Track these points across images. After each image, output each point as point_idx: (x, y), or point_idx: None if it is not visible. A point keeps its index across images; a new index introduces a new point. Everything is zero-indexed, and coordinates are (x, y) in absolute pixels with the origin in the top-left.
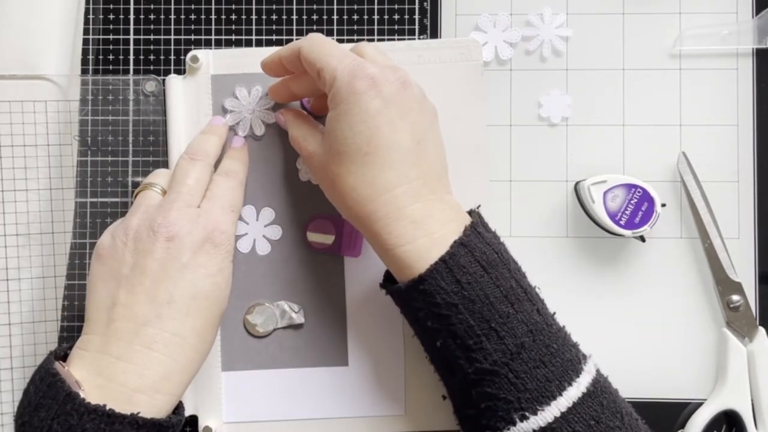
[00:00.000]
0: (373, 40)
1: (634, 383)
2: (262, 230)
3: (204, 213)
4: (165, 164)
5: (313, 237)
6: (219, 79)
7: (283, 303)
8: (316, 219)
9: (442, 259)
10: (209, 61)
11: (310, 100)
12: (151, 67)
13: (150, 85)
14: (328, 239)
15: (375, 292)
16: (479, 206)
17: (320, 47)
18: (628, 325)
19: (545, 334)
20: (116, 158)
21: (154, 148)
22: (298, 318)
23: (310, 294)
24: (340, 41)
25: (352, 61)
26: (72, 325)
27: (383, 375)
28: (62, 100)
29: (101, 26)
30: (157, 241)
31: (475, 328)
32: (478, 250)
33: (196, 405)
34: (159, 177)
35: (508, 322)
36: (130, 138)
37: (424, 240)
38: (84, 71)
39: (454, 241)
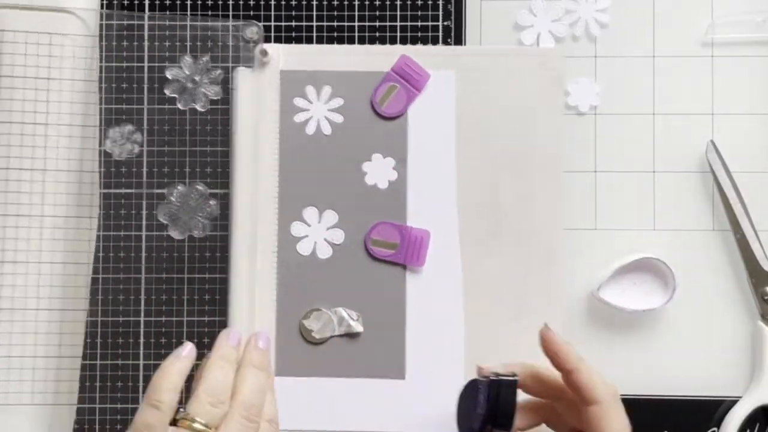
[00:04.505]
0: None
1: (666, 380)
2: (323, 233)
3: None
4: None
5: (377, 244)
6: (288, 75)
7: (341, 310)
8: (380, 225)
9: None
10: (279, 55)
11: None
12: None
13: (251, 32)
14: (392, 247)
15: (437, 304)
16: None
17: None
18: (660, 321)
19: None
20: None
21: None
22: (357, 326)
23: (370, 302)
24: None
25: None
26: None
27: (441, 391)
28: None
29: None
30: None
31: None
32: None
33: None
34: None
35: None
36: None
37: None
38: None
39: None
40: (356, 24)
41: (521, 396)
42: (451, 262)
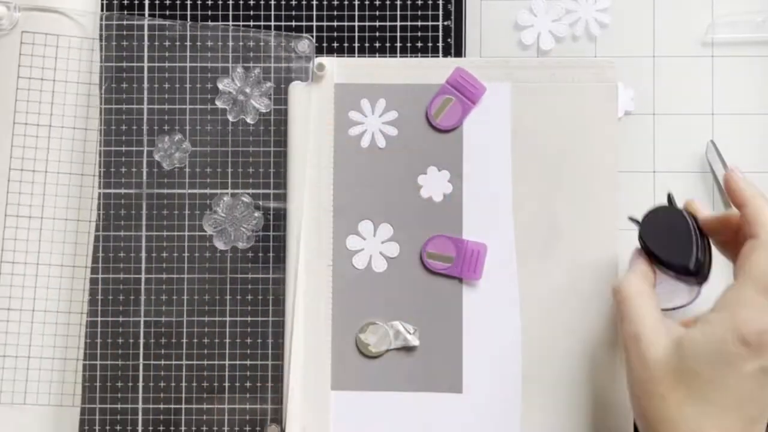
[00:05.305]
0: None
1: None
2: (378, 246)
3: None
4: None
5: (432, 257)
6: (342, 88)
7: (398, 323)
8: (436, 238)
9: None
10: (333, 69)
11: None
12: None
13: (303, 45)
14: (448, 260)
15: (493, 316)
16: None
17: None
18: None
19: None
20: None
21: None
22: (413, 340)
23: (426, 316)
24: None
25: None
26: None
27: (498, 405)
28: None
29: None
30: None
31: None
32: None
33: (303, 424)
34: None
35: None
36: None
37: None
38: None
39: None
40: (356, 24)
41: None
42: (507, 275)
